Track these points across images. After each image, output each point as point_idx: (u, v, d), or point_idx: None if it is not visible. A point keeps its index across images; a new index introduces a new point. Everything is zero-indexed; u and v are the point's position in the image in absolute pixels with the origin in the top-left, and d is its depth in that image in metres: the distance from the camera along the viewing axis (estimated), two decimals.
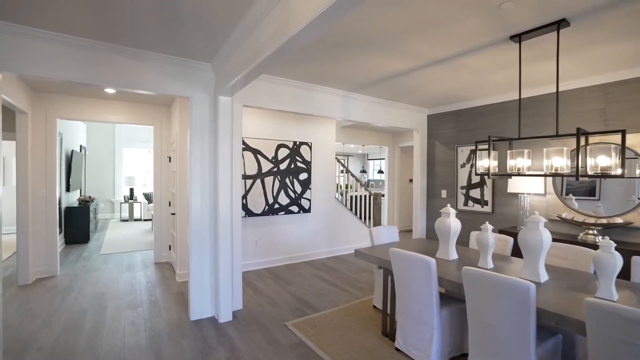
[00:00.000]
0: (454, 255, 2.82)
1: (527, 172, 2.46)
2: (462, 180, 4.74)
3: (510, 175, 2.59)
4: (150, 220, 9.44)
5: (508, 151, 2.56)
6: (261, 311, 3.38)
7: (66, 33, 2.53)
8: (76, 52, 2.62)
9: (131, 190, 9.39)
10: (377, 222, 6.42)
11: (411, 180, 8.51)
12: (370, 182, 14.22)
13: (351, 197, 6.33)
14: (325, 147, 5.58)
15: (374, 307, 3.47)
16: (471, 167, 4.62)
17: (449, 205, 2.88)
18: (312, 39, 2.37)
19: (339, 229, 5.77)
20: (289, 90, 3.71)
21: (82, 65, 2.65)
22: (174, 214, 4.50)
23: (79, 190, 7.79)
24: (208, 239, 3.24)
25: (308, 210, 5.30)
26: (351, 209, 6.10)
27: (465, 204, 4.68)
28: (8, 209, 7.31)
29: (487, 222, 2.61)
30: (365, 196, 6.52)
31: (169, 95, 3.05)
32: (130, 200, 9.28)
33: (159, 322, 3.10)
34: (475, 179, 4.56)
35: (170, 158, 5.08)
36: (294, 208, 5.14)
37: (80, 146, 8.01)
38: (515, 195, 4.15)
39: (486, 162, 2.68)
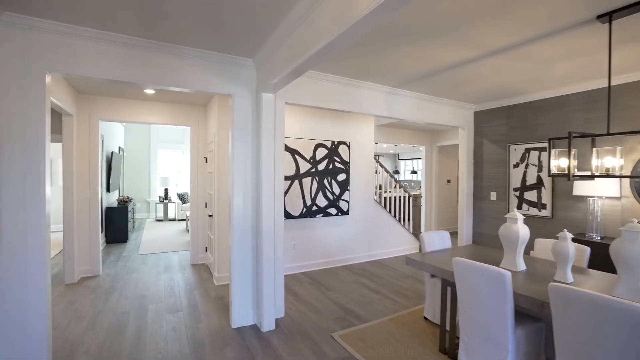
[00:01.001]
0: (522, 265, 2.51)
1: (620, 174, 2.11)
2: (516, 182, 4.35)
3: (593, 177, 2.25)
4: (184, 220, 9.58)
5: (594, 149, 2.22)
6: (304, 320, 3.21)
7: (111, 31, 2.47)
8: (120, 50, 2.56)
9: (166, 190, 9.58)
10: (417, 226, 6.10)
11: (449, 181, 8.09)
12: (404, 183, 13.78)
13: (385, 198, 6.04)
14: (364, 146, 5.35)
15: (425, 318, 3.20)
16: (526, 167, 4.23)
17: (515, 209, 2.58)
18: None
19: (377, 232, 5.52)
20: (331, 86, 3.52)
21: (126, 64, 2.58)
22: (211, 215, 4.43)
23: (117, 190, 8.01)
24: (250, 244, 3.10)
25: (346, 213, 5.09)
26: (390, 212, 5.82)
27: (519, 207, 4.29)
28: (54, 208, 7.62)
29: (565, 230, 2.29)
30: (402, 198, 6.22)
31: (211, 93, 2.95)
32: (165, 201, 9.47)
33: (200, 329, 3.00)
34: (531, 180, 4.17)
35: (206, 159, 5.04)
36: (332, 210, 4.95)
37: (119, 148, 8.24)
38: (582, 198, 3.73)
39: (563, 162, 2.35)
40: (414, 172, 12.00)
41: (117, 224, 6.54)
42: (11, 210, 2.28)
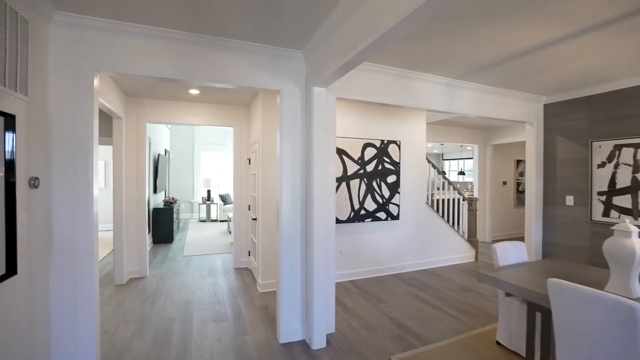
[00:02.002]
0: (638, 291, 2.01)
1: None
2: (601, 184, 3.73)
3: None
4: (226, 221, 9.67)
5: None
6: (357, 337, 2.90)
7: (157, 25, 2.34)
8: (165, 46, 2.42)
9: (208, 192, 9.73)
10: (473, 232, 5.55)
11: (505, 183, 7.39)
12: (457, 185, 12.99)
13: (437, 201, 5.55)
14: (415, 146, 4.94)
15: (499, 343, 2.76)
16: (616, 166, 3.60)
17: (627, 220, 2.08)
18: None
19: (429, 239, 5.07)
20: (384, 79, 3.18)
21: (173, 61, 2.44)
22: (255, 219, 4.27)
23: (164, 191, 8.22)
24: (299, 251, 2.86)
25: (396, 217, 4.71)
26: (443, 216, 5.34)
27: (606, 214, 3.67)
28: (104, 208, 7.96)
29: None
30: (455, 201, 5.70)
31: (258, 89, 2.74)
32: (207, 202, 9.61)
33: (247, 342, 2.80)
34: (624, 183, 3.53)
35: (249, 160, 4.90)
36: (382, 214, 4.60)
37: (165, 150, 8.47)
38: None
39: None
40: (461, 173, 11.25)
41: (163, 225, 6.66)
42: (62, 213, 2.20)
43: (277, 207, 2.86)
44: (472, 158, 12.85)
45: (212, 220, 9.77)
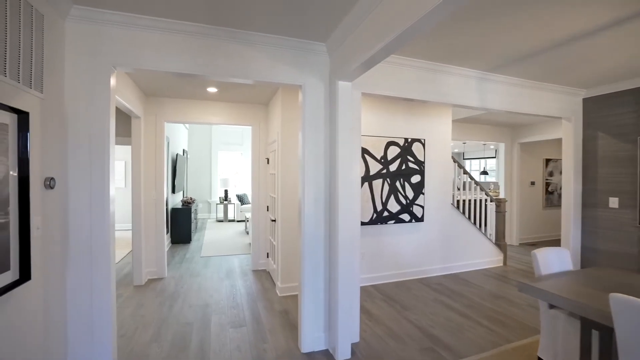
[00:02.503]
0: None
1: None
2: None
3: None
4: (243, 221, 9.64)
5: None
6: (384, 348, 2.72)
7: (176, 18, 2.23)
8: (184, 40, 2.31)
9: (225, 192, 9.71)
10: (501, 235, 5.26)
11: (533, 183, 7.01)
12: (490, 186, 12.58)
13: (462, 201, 5.28)
14: (440, 144, 4.70)
15: (540, 359, 2.52)
16: None
17: None
18: None
19: (455, 242, 4.83)
20: (412, 73, 2.99)
21: (191, 55, 2.33)
22: (274, 220, 4.14)
23: (182, 191, 8.24)
24: (322, 255, 2.70)
25: (421, 219, 4.49)
26: (469, 218, 5.07)
27: None
28: (125, 208, 8.04)
29: None
30: (481, 202, 5.42)
31: (279, 84, 2.60)
32: (225, 202, 9.60)
33: (267, 351, 2.66)
34: None
35: (268, 160, 4.79)
36: (405, 216, 4.39)
37: (183, 150, 8.49)
38: None
39: None
40: (484, 172, 10.85)
41: (181, 225, 6.64)
42: (78, 215, 2.12)
43: (299, 209, 2.71)
44: (494, 157, 12.38)
45: (230, 220, 9.75)
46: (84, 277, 2.14)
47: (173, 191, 6.77)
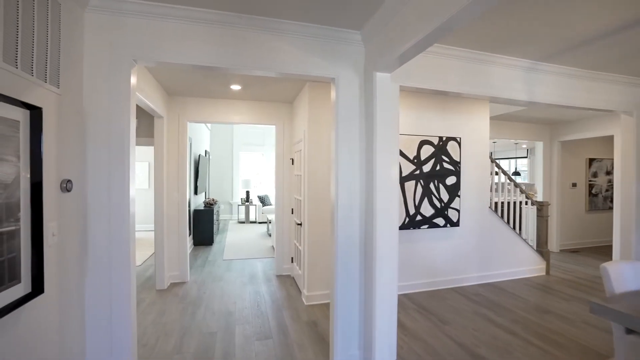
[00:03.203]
0: None
1: None
2: None
3: None
4: (265, 223, 9.52)
5: None
6: None
7: (197, 6, 2.05)
8: (207, 30, 2.14)
9: (247, 193, 9.63)
10: (543, 241, 4.84)
11: (575, 185, 6.50)
12: (530, 188, 12.00)
13: (499, 203, 4.89)
14: (477, 143, 4.36)
15: None
16: None
17: None
18: None
19: (493, 248, 4.46)
20: (453, 63, 2.70)
21: (215, 46, 2.15)
22: (300, 224, 3.93)
23: (204, 193, 8.19)
24: (357, 264, 2.46)
25: (456, 224, 4.16)
26: (508, 222, 4.69)
27: None
28: (148, 209, 8.08)
29: None
30: (520, 205, 5.01)
31: (309, 77, 2.38)
32: (246, 203, 9.51)
33: None
34: None
35: (293, 160, 4.59)
36: (439, 220, 4.08)
37: (205, 151, 8.45)
38: None
39: None
40: (516, 173, 10.28)
41: (203, 227, 6.56)
42: (96, 220, 1.98)
43: (331, 213, 2.48)
44: (526, 157, 11.74)
45: (251, 222, 9.66)
46: (103, 286, 1.99)
47: (195, 192, 6.70)
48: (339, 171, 2.37)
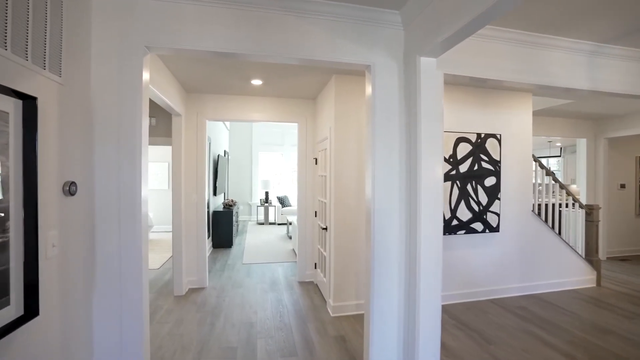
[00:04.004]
0: None
1: None
2: None
3: None
4: (285, 224, 9.30)
5: None
6: None
7: None
8: (226, 12, 1.89)
9: (266, 193, 9.45)
10: (593, 249, 4.37)
11: (623, 186, 5.93)
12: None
13: (541, 205, 4.44)
14: (519, 140, 3.96)
15: None
16: None
17: None
18: None
19: (536, 256, 4.04)
20: (505, 47, 2.35)
21: (234, 31, 1.91)
22: (325, 228, 3.65)
23: (223, 194, 8.06)
24: (396, 273, 2.16)
25: (496, 229, 3.78)
26: (553, 228, 4.25)
27: None
28: (168, 210, 8.01)
29: None
30: (564, 208, 4.55)
31: (342, 64, 2.10)
32: (265, 204, 9.33)
33: None
34: None
35: (316, 160, 4.32)
36: (477, 225, 3.71)
37: (225, 151, 8.32)
38: None
39: None
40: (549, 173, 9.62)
41: (222, 229, 6.39)
42: (105, 227, 1.77)
43: (367, 218, 2.19)
44: (559, 156, 11.04)
45: (270, 223, 9.47)
46: (113, 301, 1.78)
47: (214, 193, 6.55)
48: (376, 172, 2.08)
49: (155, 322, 3.20)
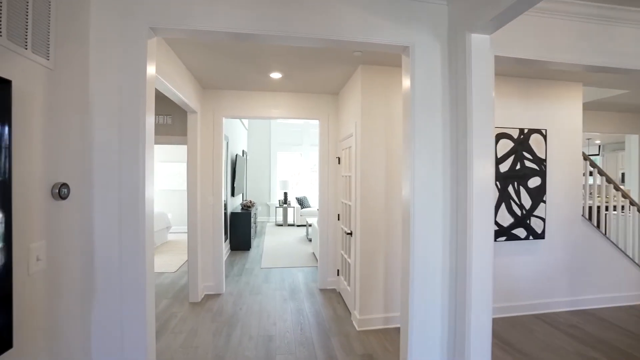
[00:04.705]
0: None
1: None
2: None
3: None
4: (304, 226, 9.06)
5: None
6: None
7: None
8: None
9: (285, 194, 9.23)
10: None
11: None
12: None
13: (592, 208, 3.96)
14: (568, 136, 3.53)
15: None
16: None
17: None
18: None
19: (587, 267, 3.59)
20: (566, 23, 1.99)
21: (252, 6, 1.64)
22: (349, 233, 3.36)
23: (241, 194, 7.89)
24: (439, 285, 1.86)
25: (541, 236, 3.37)
26: (606, 234, 3.78)
27: None
28: (183, 209, 7.91)
29: None
30: (621, 212, 4.05)
31: (377, 45, 1.80)
32: (284, 205, 9.12)
33: None
34: None
35: (339, 159, 4.03)
36: (520, 231, 3.31)
37: (243, 151, 8.16)
38: None
39: None
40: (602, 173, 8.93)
41: (240, 230, 6.20)
42: (103, 235, 1.54)
43: (405, 222, 1.89)
44: (597, 155, 10.27)
45: (289, 225, 9.24)
46: (114, 315, 1.55)
47: (232, 194, 6.38)
48: (416, 171, 1.77)
49: (168, 331, 3.01)
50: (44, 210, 1.23)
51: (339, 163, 4.03)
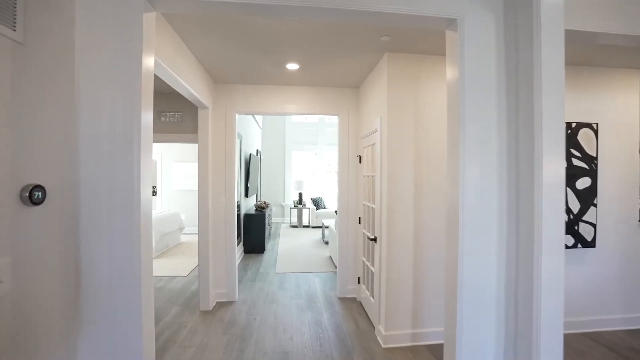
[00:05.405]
0: None
1: None
2: None
3: None
4: (319, 227, 8.78)
5: None
6: None
7: None
8: None
9: (300, 195, 8.98)
10: None
11: None
12: None
13: None
14: (621, 131, 3.11)
15: None
16: None
17: None
18: None
19: None
20: None
21: None
22: (373, 239, 3.05)
23: (255, 195, 7.68)
24: (494, 301, 1.55)
25: (591, 244, 2.98)
26: None
27: None
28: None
29: None
30: None
31: (411, 19, 1.50)
32: (299, 206, 8.87)
33: None
34: None
35: (360, 158, 3.72)
36: (567, 239, 2.94)
37: (257, 150, 7.95)
38: None
39: None
40: None
41: (254, 233, 5.97)
42: (91, 247, 1.30)
43: (451, 228, 1.57)
44: None
45: (304, 226, 8.98)
46: (105, 340, 1.30)
47: (246, 195, 6.15)
48: (466, 172, 1.45)
49: (177, 345, 2.77)
50: (8, 219, 0.99)
51: (360, 162, 3.72)
